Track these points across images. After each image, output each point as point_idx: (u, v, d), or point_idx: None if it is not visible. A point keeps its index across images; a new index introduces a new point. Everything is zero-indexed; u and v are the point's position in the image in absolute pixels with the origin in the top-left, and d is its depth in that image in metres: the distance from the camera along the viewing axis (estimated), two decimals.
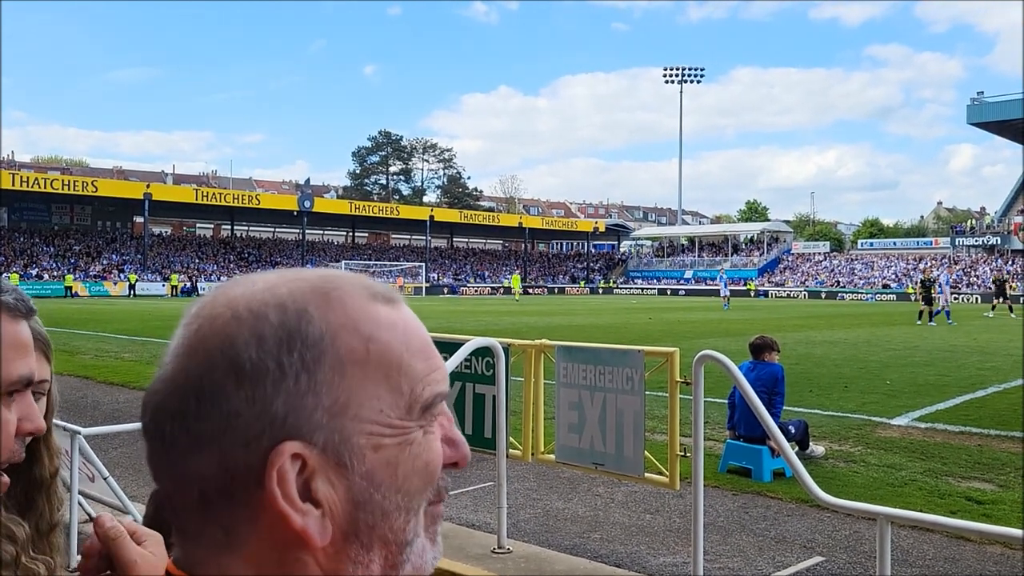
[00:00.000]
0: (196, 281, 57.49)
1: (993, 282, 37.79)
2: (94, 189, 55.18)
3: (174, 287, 54.07)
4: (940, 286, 27.97)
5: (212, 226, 78.10)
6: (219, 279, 58.88)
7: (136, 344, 16.87)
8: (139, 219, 62.36)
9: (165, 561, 0.64)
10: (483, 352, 4.90)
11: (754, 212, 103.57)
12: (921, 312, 26.78)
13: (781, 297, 63.80)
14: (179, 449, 0.57)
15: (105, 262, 57.89)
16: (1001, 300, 32.56)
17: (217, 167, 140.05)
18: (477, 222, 76.81)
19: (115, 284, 53.46)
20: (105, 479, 4.63)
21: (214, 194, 63.32)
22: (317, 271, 0.63)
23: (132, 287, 52.03)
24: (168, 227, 74.03)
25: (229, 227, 74.23)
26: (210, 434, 0.56)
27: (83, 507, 4.70)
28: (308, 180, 75.11)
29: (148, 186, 58.62)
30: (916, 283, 29.45)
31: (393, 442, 0.59)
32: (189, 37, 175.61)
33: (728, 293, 41.48)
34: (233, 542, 0.57)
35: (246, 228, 76.15)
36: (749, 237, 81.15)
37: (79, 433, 4.37)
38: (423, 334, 0.64)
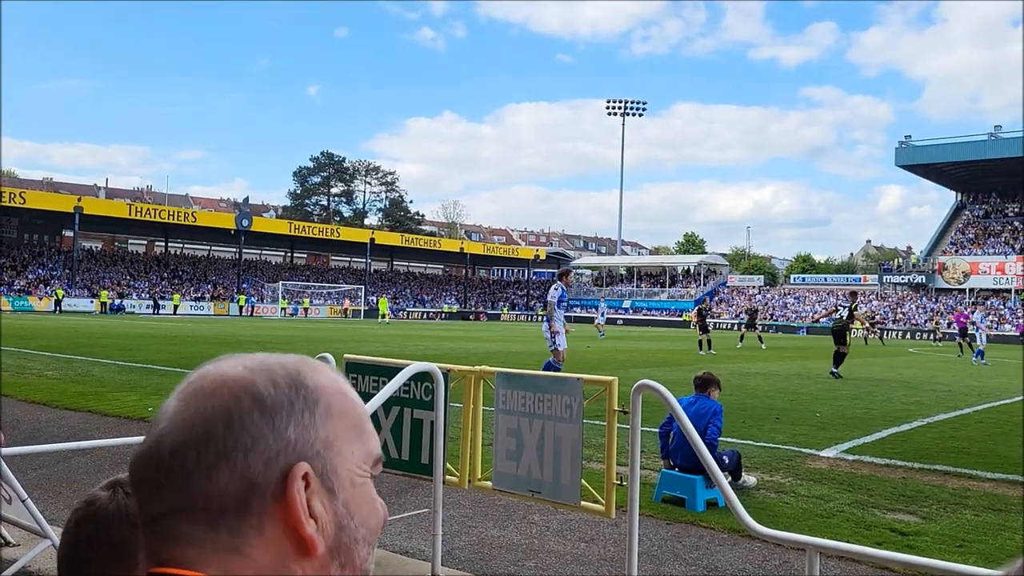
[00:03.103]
0: (157, 299, 55.91)
1: (745, 311, 38.40)
2: (22, 201, 53.38)
3: (103, 303, 52.51)
4: (976, 325, 27.99)
5: (145, 242, 76.28)
6: (151, 296, 57.42)
7: (60, 361, 16.31)
8: (68, 233, 60.58)
9: None
10: (422, 377, 4.87)
11: (692, 244, 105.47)
12: (700, 342, 27.18)
13: (719, 329, 64.87)
14: (204, 469, 0.68)
15: (31, 276, 55.96)
16: (749, 330, 32.69)
17: (153, 182, 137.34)
18: (418, 246, 76.53)
19: (41, 299, 51.70)
20: (23, 501, 4.45)
21: (148, 210, 61.83)
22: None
23: (59, 303, 50.41)
24: (99, 242, 72.03)
25: (163, 244, 72.56)
26: (236, 453, 0.68)
27: None
28: (247, 199, 74.16)
29: (79, 199, 57.00)
30: (694, 313, 29.83)
31: (361, 481, 0.75)
32: (129, 50, 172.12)
33: (603, 321, 41.33)
34: (241, 546, 0.68)
35: (181, 245, 74.55)
36: (686, 269, 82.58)
37: None
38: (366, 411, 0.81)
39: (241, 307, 59.02)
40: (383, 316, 56.66)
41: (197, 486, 0.68)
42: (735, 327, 64.79)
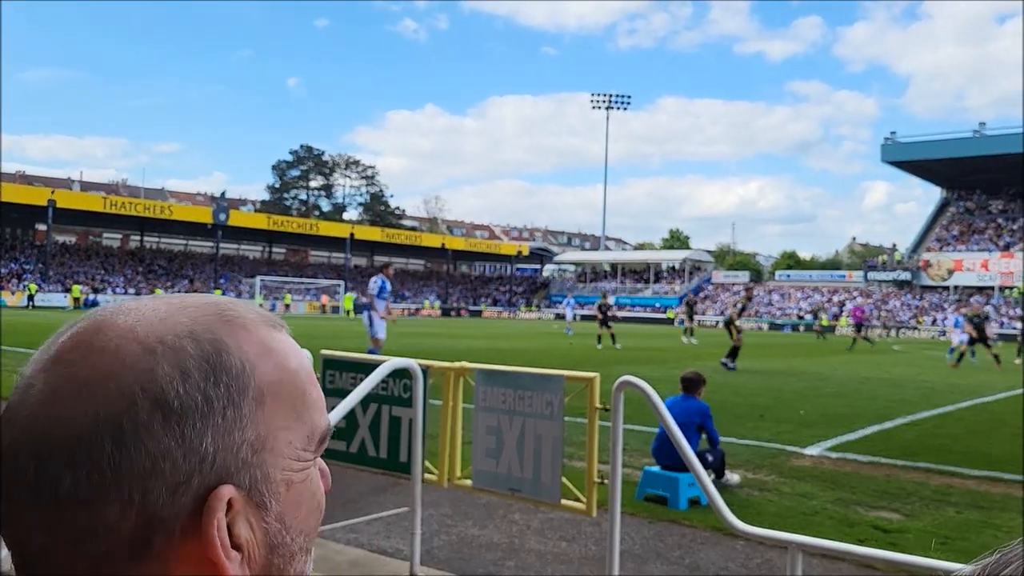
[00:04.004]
0: (141, 293, 55.34)
1: (685, 303, 37.52)
2: None
3: (76, 299, 51.98)
4: (952, 328, 28.36)
5: (120, 236, 75.54)
6: (126, 291, 56.92)
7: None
8: (42, 226, 59.90)
9: None
10: (401, 374, 4.77)
11: (676, 240, 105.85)
12: (600, 336, 28.11)
13: (706, 326, 65.13)
14: (80, 500, 0.49)
15: (3, 270, 55.30)
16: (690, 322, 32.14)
17: (130, 175, 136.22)
18: (399, 241, 76.21)
19: (13, 294, 51.11)
20: None
21: (123, 203, 61.06)
22: (198, 297, 0.59)
23: (31, 297, 49.82)
24: (73, 236, 71.28)
25: (139, 238, 71.87)
26: (130, 479, 0.50)
27: None
28: (224, 192, 73.69)
29: (53, 192, 56.28)
30: (596, 307, 29.93)
31: (299, 477, 0.57)
32: (105, 39, 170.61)
33: (572, 318, 40.40)
34: None
35: (157, 239, 73.89)
36: (671, 265, 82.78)
37: None
38: (310, 361, 0.62)
39: None
40: (348, 312, 56.80)
41: (74, 519, 0.50)
42: (718, 324, 65.20)
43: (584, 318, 51.12)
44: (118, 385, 0.51)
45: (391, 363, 4.62)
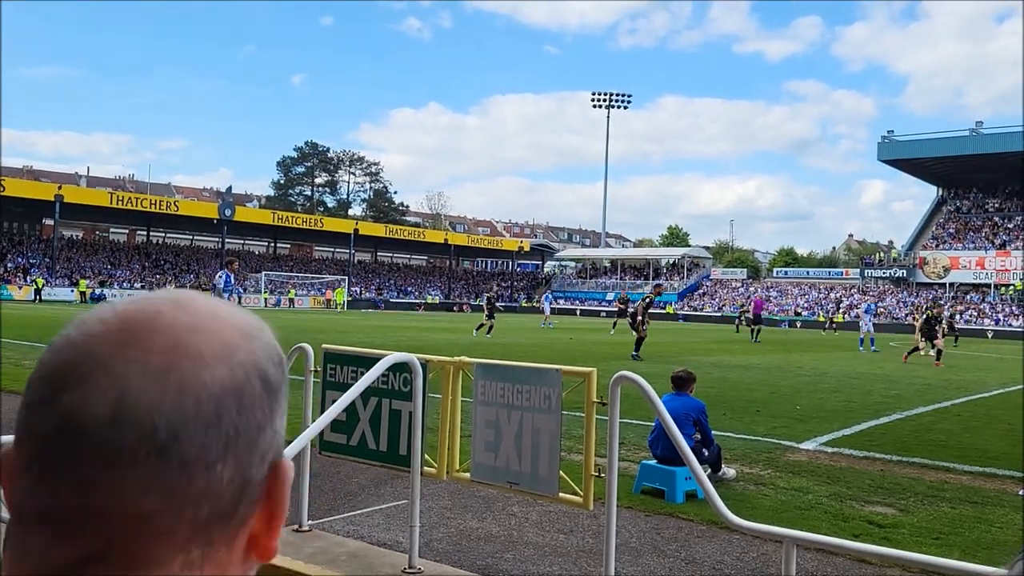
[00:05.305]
0: (151, 287, 55.43)
1: (619, 301, 38.00)
2: (1, 188, 52.80)
3: (82, 293, 52.11)
4: (863, 315, 30.00)
5: (127, 231, 75.63)
6: (132, 286, 57.00)
7: (39, 351, 16.08)
8: (49, 221, 59.98)
9: None
10: (401, 367, 4.83)
11: (675, 237, 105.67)
12: (484, 326, 29.12)
13: (708, 320, 65.03)
14: (204, 461, 0.53)
15: (10, 265, 55.40)
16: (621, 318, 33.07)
17: (136, 171, 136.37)
18: (402, 237, 76.28)
19: (20, 288, 51.21)
20: None
21: (130, 198, 61.20)
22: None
23: (38, 291, 49.92)
24: (80, 231, 71.37)
25: (145, 233, 71.98)
26: (242, 444, 0.55)
27: None
28: (230, 188, 73.70)
29: (60, 187, 56.41)
30: (485, 301, 30.77)
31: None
32: (109, 37, 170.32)
33: (549, 312, 43.70)
34: (208, 562, 0.54)
35: (163, 234, 73.99)
36: (670, 262, 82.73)
37: None
38: None
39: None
40: (339, 306, 56.97)
41: (192, 481, 0.52)
42: (716, 320, 65.18)
43: (556, 311, 53.15)
44: (237, 361, 0.56)
45: (391, 357, 4.69)
